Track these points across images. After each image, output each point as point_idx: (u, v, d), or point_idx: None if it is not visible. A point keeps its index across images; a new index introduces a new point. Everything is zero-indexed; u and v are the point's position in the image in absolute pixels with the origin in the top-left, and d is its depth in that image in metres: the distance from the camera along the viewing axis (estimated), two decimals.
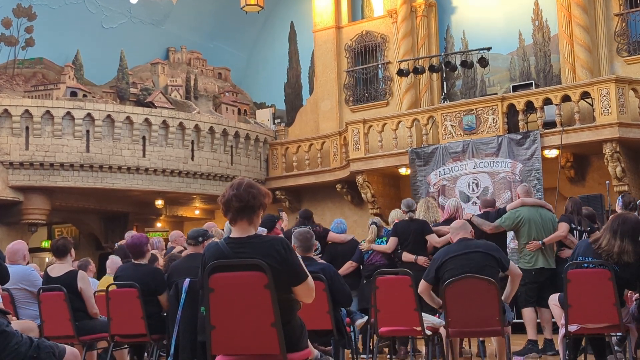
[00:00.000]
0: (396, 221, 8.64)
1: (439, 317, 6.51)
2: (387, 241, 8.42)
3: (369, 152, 16.65)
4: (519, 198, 8.51)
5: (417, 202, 9.31)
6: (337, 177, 17.97)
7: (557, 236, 8.11)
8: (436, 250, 8.14)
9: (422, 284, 6.12)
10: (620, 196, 8.61)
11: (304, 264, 3.91)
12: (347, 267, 8.48)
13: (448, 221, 8.41)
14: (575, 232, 8.15)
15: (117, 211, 18.99)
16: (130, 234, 8.64)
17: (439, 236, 8.22)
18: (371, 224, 8.70)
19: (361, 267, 8.67)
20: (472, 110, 15.26)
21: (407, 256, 8.12)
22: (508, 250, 8.92)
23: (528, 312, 7.89)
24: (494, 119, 14.98)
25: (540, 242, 7.97)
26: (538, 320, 8.19)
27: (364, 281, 8.36)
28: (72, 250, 7.19)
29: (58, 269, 6.99)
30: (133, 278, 6.61)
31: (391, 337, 7.32)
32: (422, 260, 8.02)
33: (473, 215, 8.54)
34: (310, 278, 3.86)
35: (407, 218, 8.35)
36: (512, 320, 6.30)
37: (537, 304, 8.06)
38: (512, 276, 6.15)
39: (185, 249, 8.36)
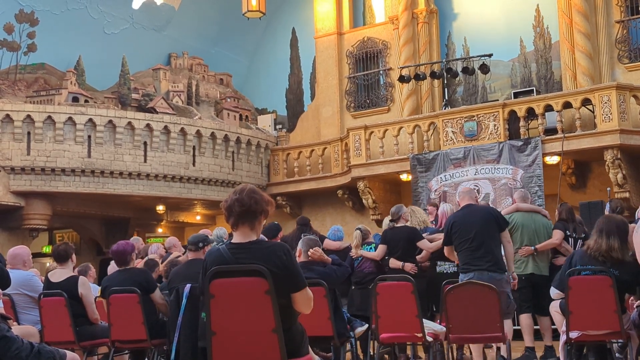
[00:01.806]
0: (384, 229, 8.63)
1: (439, 324, 6.52)
2: (375, 248, 8.42)
3: (370, 158, 16.66)
4: (514, 203, 8.49)
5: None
6: (338, 183, 17.97)
7: (550, 243, 8.07)
8: (433, 256, 8.17)
9: (446, 249, 7.04)
10: (608, 202, 8.63)
11: (306, 269, 3.92)
12: None
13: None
14: (570, 239, 8.11)
15: (118, 216, 18.98)
16: (137, 241, 8.70)
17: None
18: (355, 230, 8.69)
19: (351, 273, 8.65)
20: (473, 116, 15.28)
21: (394, 262, 8.09)
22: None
23: (524, 319, 7.86)
24: (495, 125, 14.99)
25: (532, 247, 7.95)
26: (536, 327, 8.18)
27: (353, 287, 8.33)
28: (73, 256, 7.19)
29: (59, 274, 7.00)
30: (121, 284, 6.60)
31: (392, 343, 7.31)
32: (409, 267, 7.98)
33: None
34: (308, 288, 3.86)
35: (395, 225, 8.32)
36: None
37: (536, 311, 8.04)
38: (503, 242, 6.82)
39: (182, 254, 8.37)
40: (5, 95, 17.20)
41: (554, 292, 6.09)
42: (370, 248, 8.49)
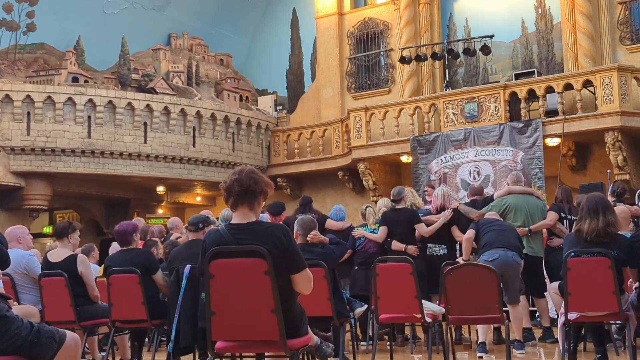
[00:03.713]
0: (383, 209, 8.59)
1: (438, 305, 6.54)
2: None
3: (371, 139, 16.63)
4: (508, 186, 8.52)
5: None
6: (339, 164, 17.97)
7: (544, 224, 8.10)
8: (424, 238, 8.18)
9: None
10: (611, 184, 8.64)
11: (305, 250, 3.92)
12: None
13: (439, 211, 8.45)
14: (565, 221, 8.13)
15: (118, 197, 19.00)
16: (139, 222, 8.70)
17: (428, 225, 8.23)
18: (368, 207, 8.68)
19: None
20: (474, 98, 15.23)
21: (396, 245, 8.11)
22: None
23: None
24: (496, 107, 14.95)
25: (526, 228, 7.97)
26: (531, 308, 8.22)
27: (356, 268, 8.34)
28: (76, 234, 7.20)
29: (57, 253, 7.00)
30: (123, 264, 6.62)
31: (391, 324, 7.35)
32: (411, 249, 8.01)
33: (460, 203, 8.55)
34: (307, 269, 3.87)
35: (395, 207, 8.32)
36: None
37: (532, 293, 8.08)
38: None
39: (182, 235, 8.38)
40: (4, 75, 17.15)
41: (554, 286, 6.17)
42: (373, 230, 8.48)
